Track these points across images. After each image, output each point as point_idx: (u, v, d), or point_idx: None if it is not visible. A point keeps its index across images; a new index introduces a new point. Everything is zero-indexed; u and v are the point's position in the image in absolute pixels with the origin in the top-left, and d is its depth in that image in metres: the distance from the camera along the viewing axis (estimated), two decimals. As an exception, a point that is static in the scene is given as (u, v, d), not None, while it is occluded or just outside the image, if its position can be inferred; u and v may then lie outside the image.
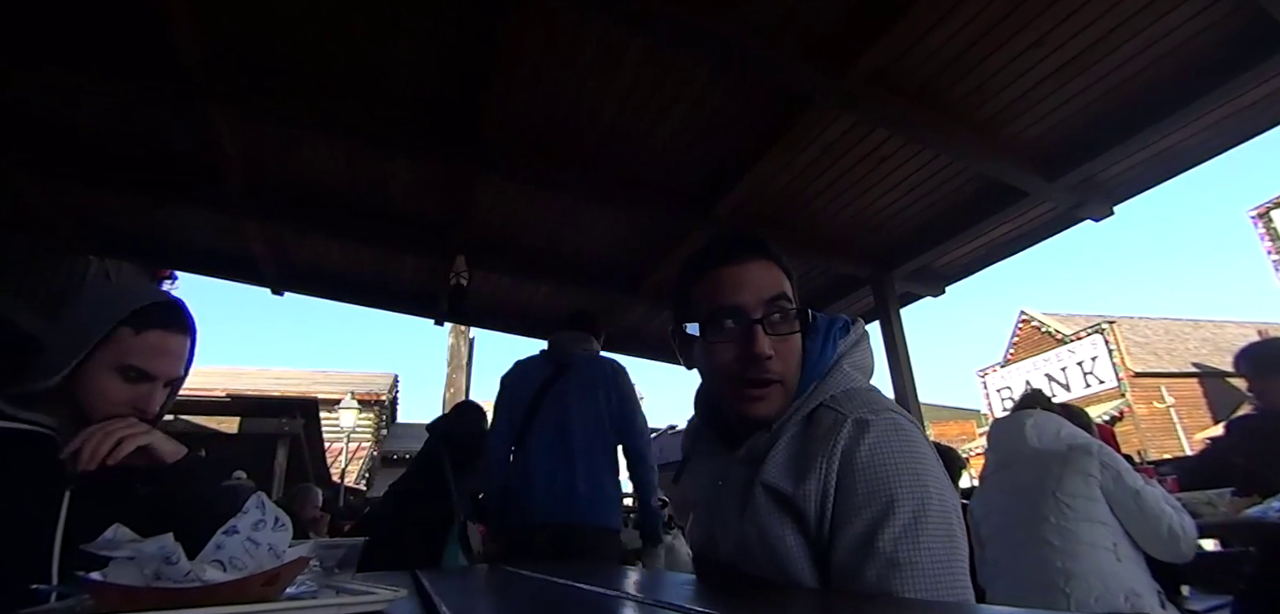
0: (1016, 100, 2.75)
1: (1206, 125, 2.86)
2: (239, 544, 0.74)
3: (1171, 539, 1.75)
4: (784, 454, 0.87)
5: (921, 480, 0.78)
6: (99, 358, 1.03)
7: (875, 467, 0.78)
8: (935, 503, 0.77)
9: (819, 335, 0.93)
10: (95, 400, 1.02)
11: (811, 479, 0.81)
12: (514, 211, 3.75)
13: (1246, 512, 1.97)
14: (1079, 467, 1.85)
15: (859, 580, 0.75)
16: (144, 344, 1.06)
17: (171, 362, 1.10)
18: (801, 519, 0.81)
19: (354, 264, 4.45)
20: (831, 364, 0.90)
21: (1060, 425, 1.99)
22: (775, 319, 0.88)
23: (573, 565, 1.61)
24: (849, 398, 0.87)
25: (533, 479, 2.48)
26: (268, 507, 0.77)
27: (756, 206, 3.52)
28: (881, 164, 3.20)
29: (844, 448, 0.80)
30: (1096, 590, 1.69)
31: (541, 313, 5.19)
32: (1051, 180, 3.11)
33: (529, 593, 0.93)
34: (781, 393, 0.89)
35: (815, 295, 4.63)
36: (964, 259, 4.18)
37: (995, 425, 2.23)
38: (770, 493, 0.85)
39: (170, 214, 3.85)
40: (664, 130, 2.98)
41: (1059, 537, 1.79)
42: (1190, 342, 16.93)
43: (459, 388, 9.18)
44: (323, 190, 3.53)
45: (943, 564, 0.74)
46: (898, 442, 0.80)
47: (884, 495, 0.76)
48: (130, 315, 1.05)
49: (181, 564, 0.66)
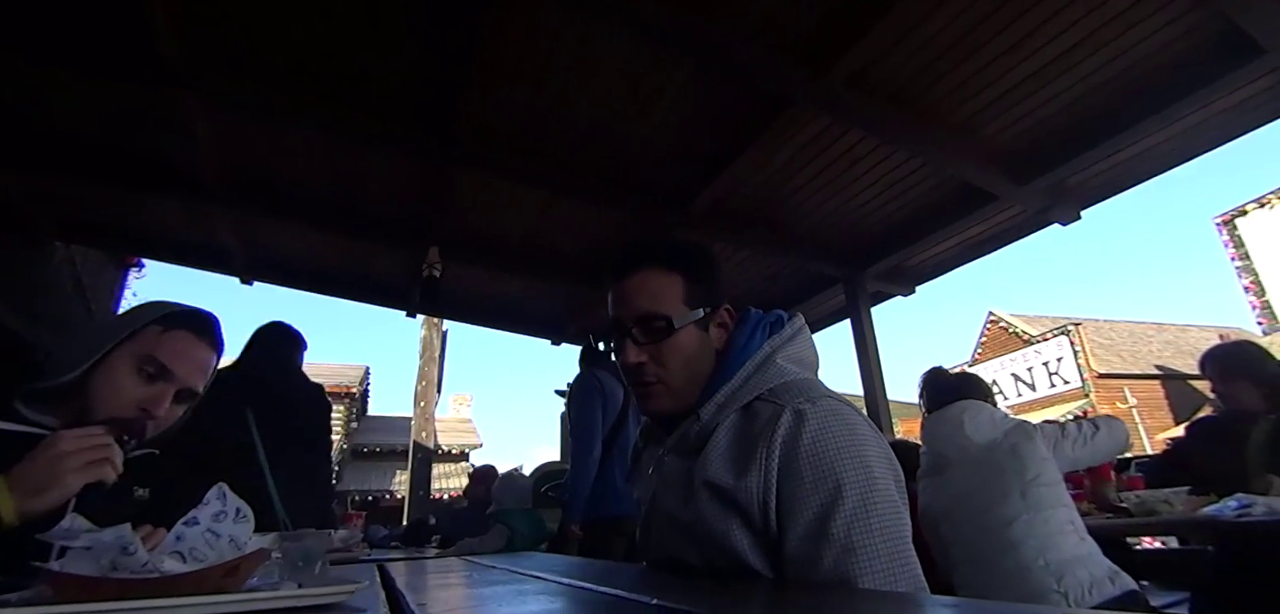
0: (990, 105, 2.80)
1: (1174, 133, 2.94)
2: (199, 535, 0.73)
3: (1107, 451, 2.04)
4: (722, 448, 0.89)
5: (865, 462, 0.80)
6: (121, 351, 1.02)
7: (818, 454, 0.80)
8: (881, 483, 0.80)
9: (747, 326, 0.98)
10: (107, 394, 1.00)
11: (752, 473, 0.82)
12: (490, 206, 3.71)
13: (1203, 509, 2.02)
14: (1032, 453, 1.87)
15: (816, 567, 0.76)
16: (169, 342, 1.05)
17: (192, 368, 1.08)
18: (745, 513, 0.83)
19: (326, 254, 4.37)
20: (764, 357, 0.93)
21: (991, 414, 2.02)
22: (645, 328, 0.96)
23: (546, 559, 1.60)
24: (786, 389, 0.89)
25: (616, 477, 2.71)
26: (229, 498, 0.76)
27: (733, 204, 3.53)
28: (857, 164, 3.24)
29: (784, 439, 0.82)
30: (1084, 580, 1.70)
31: (516, 308, 5.15)
32: (1021, 184, 3.17)
33: (489, 581, 0.92)
34: (664, 391, 0.96)
35: (788, 293, 4.66)
36: (935, 259, 4.25)
37: (928, 425, 2.18)
38: (711, 488, 0.86)
39: (139, 201, 3.74)
40: (642, 128, 2.97)
41: (1031, 533, 1.79)
42: (1153, 344, 17.47)
43: (431, 380, 9.07)
44: (296, 180, 3.45)
45: (894, 543, 0.77)
46: (838, 427, 0.82)
47: (831, 482, 0.78)
48: (162, 316, 1.06)
49: (139, 554, 0.65)
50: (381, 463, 17.11)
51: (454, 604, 0.74)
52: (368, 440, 17.65)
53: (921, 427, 2.21)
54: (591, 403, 2.82)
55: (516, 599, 0.72)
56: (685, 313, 0.96)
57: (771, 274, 4.51)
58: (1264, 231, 12.87)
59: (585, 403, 2.83)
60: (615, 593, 0.73)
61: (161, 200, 3.62)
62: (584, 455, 2.74)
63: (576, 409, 2.86)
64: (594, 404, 2.81)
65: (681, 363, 0.95)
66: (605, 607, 0.66)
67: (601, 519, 2.68)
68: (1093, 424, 2.04)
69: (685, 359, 0.95)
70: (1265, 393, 2.22)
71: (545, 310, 5.20)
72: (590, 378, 2.88)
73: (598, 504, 2.69)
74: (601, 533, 2.67)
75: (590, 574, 0.95)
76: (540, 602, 0.70)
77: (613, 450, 2.77)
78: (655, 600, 0.65)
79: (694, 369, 0.96)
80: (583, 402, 2.83)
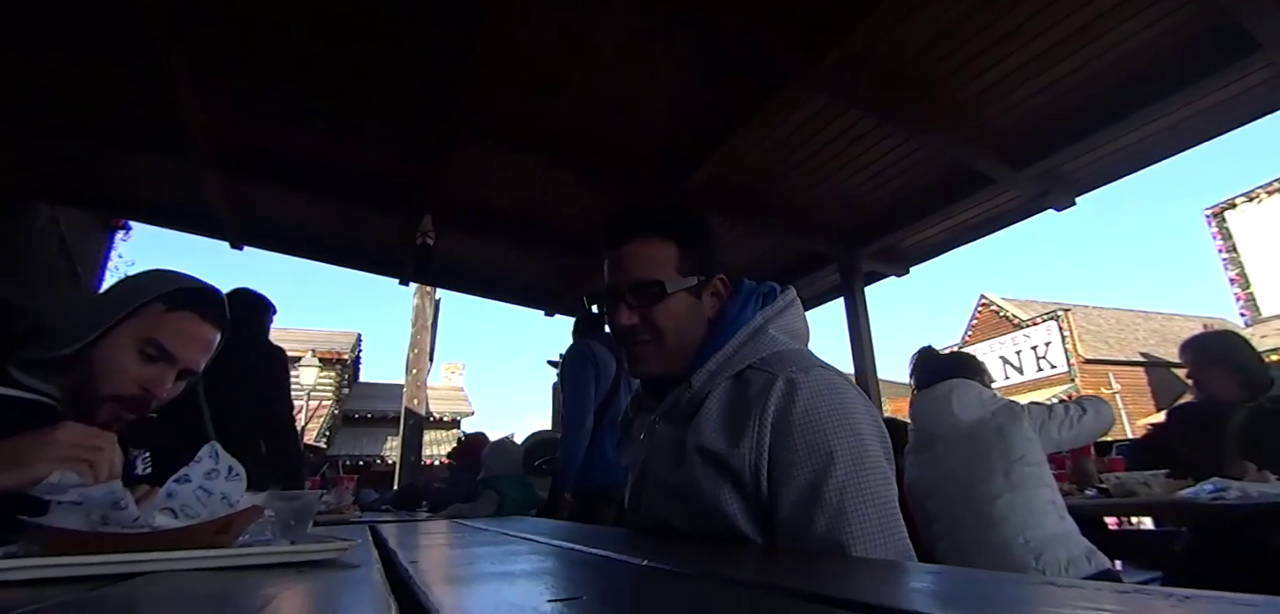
0: (989, 89, 2.79)
1: (1170, 124, 2.95)
2: (191, 493, 0.73)
3: (1092, 432, 2.04)
4: (715, 415, 0.90)
5: (856, 430, 0.82)
6: (123, 329, 0.99)
7: (810, 423, 0.82)
8: (871, 451, 0.82)
9: (740, 297, 1.00)
10: (106, 373, 0.98)
11: (745, 441, 0.84)
12: (484, 175, 3.68)
13: (1180, 492, 2.07)
14: (1017, 433, 1.89)
15: (808, 532, 0.79)
16: (172, 323, 1.02)
17: (195, 349, 1.05)
18: (737, 479, 0.84)
19: (318, 220, 4.32)
20: (756, 327, 0.95)
21: (979, 393, 2.03)
22: (638, 293, 0.98)
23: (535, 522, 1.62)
24: (779, 359, 0.90)
25: (607, 447, 2.73)
26: (221, 456, 0.76)
27: (729, 181, 3.52)
28: (854, 144, 3.22)
29: (776, 407, 0.84)
30: (1062, 558, 1.75)
31: (509, 278, 5.13)
32: (1018, 169, 3.17)
33: (479, 542, 0.93)
34: (655, 354, 0.98)
35: (783, 270, 4.67)
36: (929, 241, 4.26)
37: (916, 402, 2.21)
38: (704, 454, 0.88)
39: (125, 163, 3.67)
40: (640, 101, 2.94)
41: (1013, 511, 1.83)
42: (1140, 332, 17.69)
43: (423, 348, 9.06)
44: (285, 144, 3.40)
45: (884, 509, 0.80)
46: (830, 396, 0.84)
47: (823, 450, 0.80)
48: (167, 293, 1.03)
49: (129, 509, 0.65)
50: (373, 429, 17.17)
51: (445, 562, 0.75)
52: (359, 406, 17.68)
53: (910, 404, 2.23)
54: (584, 374, 2.83)
55: (507, 559, 0.73)
56: (678, 279, 0.97)
57: (766, 251, 4.51)
58: (1252, 225, 12.97)
59: (578, 373, 2.84)
60: (605, 554, 0.74)
61: (146, 162, 3.56)
62: (576, 425, 2.76)
63: (569, 380, 2.88)
64: (587, 375, 2.82)
65: (672, 327, 0.97)
66: (595, 566, 0.67)
67: (592, 487, 2.71)
68: (1079, 407, 2.06)
69: (676, 324, 0.97)
70: (1241, 381, 2.27)
71: (538, 281, 5.18)
72: (584, 348, 2.88)
73: (588, 472, 2.72)
74: (592, 500, 2.70)
75: (579, 537, 0.96)
76: (530, 561, 0.71)
77: (604, 420, 2.79)
78: (645, 561, 0.67)
79: (684, 334, 0.98)
80: (576, 372, 2.84)
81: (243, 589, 0.54)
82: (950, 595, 0.47)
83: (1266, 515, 1.78)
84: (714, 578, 0.59)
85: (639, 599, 0.50)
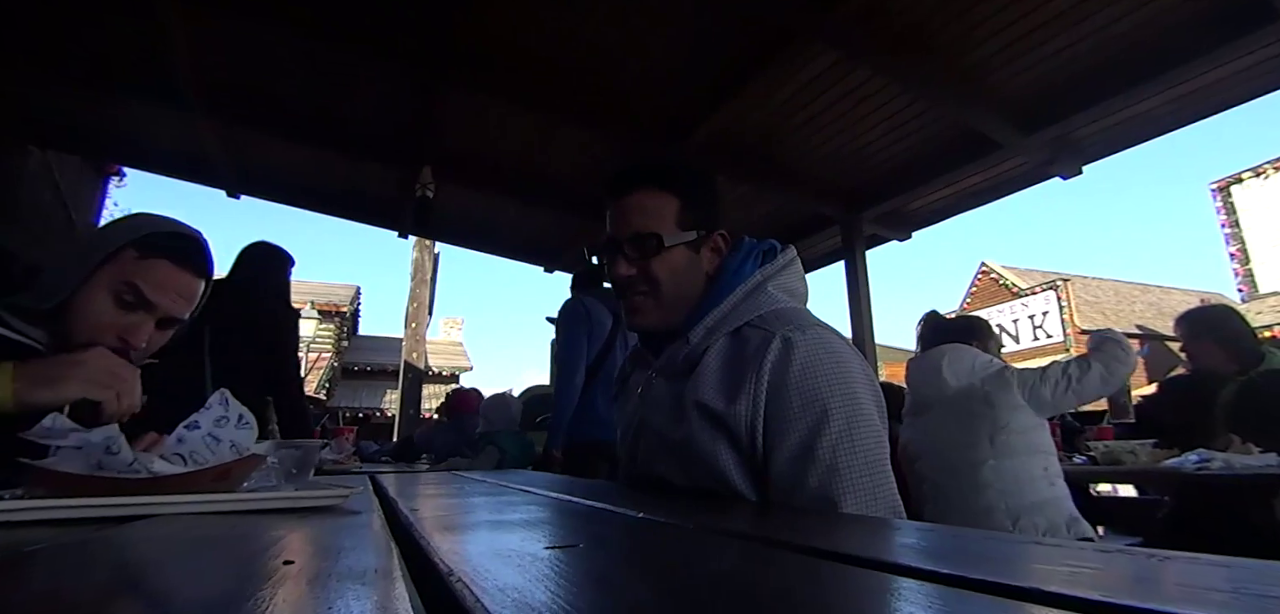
0: (1001, 51, 2.73)
1: (1182, 93, 2.90)
2: (200, 439, 0.74)
3: (1104, 383, 1.87)
4: (713, 371, 0.91)
5: (850, 389, 0.84)
6: (98, 278, 0.97)
7: (806, 381, 0.83)
8: (865, 409, 0.84)
9: (739, 253, 1.01)
10: (83, 321, 0.96)
11: (742, 399, 0.85)
12: (483, 127, 3.62)
13: (1165, 462, 2.11)
14: (1006, 401, 1.90)
15: (800, 487, 0.81)
16: (148, 269, 0.99)
17: (174, 299, 1.02)
18: (734, 435, 0.86)
19: (316, 170, 4.26)
20: (754, 284, 0.96)
21: (972, 359, 2.03)
22: (636, 245, 0.98)
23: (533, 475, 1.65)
24: (777, 317, 0.91)
25: (599, 403, 2.68)
26: (231, 403, 0.77)
27: (733, 138, 3.47)
28: (862, 104, 3.17)
29: (773, 365, 0.85)
30: (1041, 526, 1.79)
31: (508, 233, 5.10)
32: (1027, 134, 3.13)
33: (477, 493, 0.95)
34: (652, 306, 0.99)
35: (784, 232, 4.63)
36: (933, 206, 4.23)
37: (911, 366, 2.22)
38: (702, 410, 0.89)
39: (118, 106, 3.59)
40: (644, 52, 2.87)
41: (998, 477, 1.86)
42: (1137, 305, 17.74)
43: (422, 302, 9.06)
44: (282, 89, 3.33)
45: (875, 466, 0.82)
46: (825, 356, 0.85)
47: (817, 407, 0.82)
48: (139, 239, 1.00)
49: (124, 454, 0.66)
50: (372, 381, 17.32)
51: (443, 510, 0.76)
52: (358, 359, 17.80)
53: (906, 369, 2.25)
54: (576, 329, 2.78)
55: (505, 508, 0.75)
56: (676, 233, 0.98)
57: (768, 212, 4.48)
58: (1256, 200, 12.88)
59: (570, 329, 2.79)
60: (600, 506, 0.76)
61: (141, 106, 3.49)
62: (567, 381, 2.73)
63: (561, 336, 2.84)
64: (579, 331, 2.78)
65: (670, 280, 0.97)
66: (590, 517, 0.69)
67: (583, 443, 2.70)
68: (1081, 364, 1.90)
69: (674, 277, 0.98)
70: (1232, 354, 2.29)
71: (538, 237, 5.16)
72: (577, 304, 2.83)
73: (579, 428, 2.70)
74: (582, 457, 2.68)
75: (575, 490, 0.98)
76: (527, 511, 0.72)
77: (598, 376, 2.76)
78: (640, 513, 0.68)
79: (682, 288, 0.98)
80: (568, 328, 2.80)
81: (248, 531, 0.55)
82: (934, 551, 0.48)
83: (1248, 486, 1.82)
84: (707, 529, 0.60)
85: (633, 548, 0.52)
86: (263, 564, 0.40)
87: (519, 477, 1.46)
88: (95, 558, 0.45)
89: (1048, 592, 0.29)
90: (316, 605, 0.29)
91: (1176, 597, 0.30)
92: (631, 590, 0.34)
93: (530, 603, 0.28)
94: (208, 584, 0.38)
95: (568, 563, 0.40)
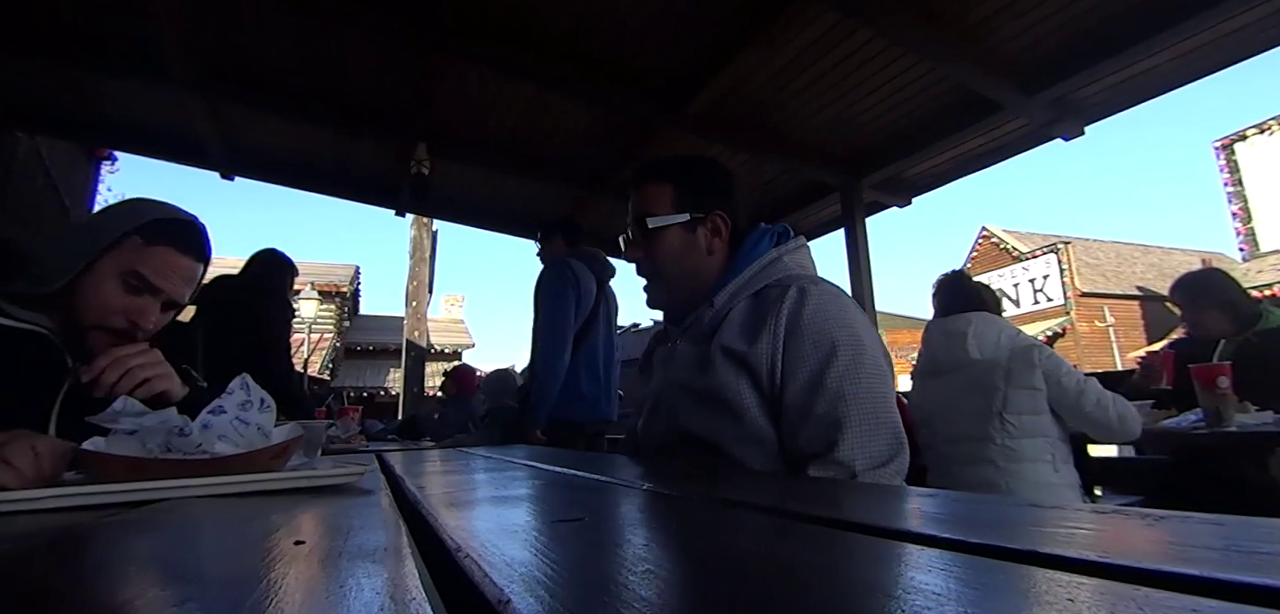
0: (1003, 9, 2.67)
1: (1185, 49, 2.85)
2: (227, 423, 0.75)
3: (1121, 425, 1.85)
4: (737, 323, 1.03)
5: (855, 331, 0.96)
6: (104, 263, 1.02)
7: (817, 323, 0.95)
8: (869, 349, 0.96)
9: (756, 234, 1.13)
10: (91, 304, 1.01)
11: (763, 340, 0.97)
12: (478, 100, 3.57)
13: (1164, 422, 2.13)
14: (1024, 381, 1.88)
15: (810, 411, 0.91)
16: (152, 255, 1.04)
17: (176, 281, 1.08)
18: (755, 374, 0.97)
19: (309, 149, 4.22)
20: (770, 258, 1.08)
21: (1000, 330, 1.99)
22: (638, 229, 1.13)
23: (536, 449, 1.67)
24: (791, 277, 1.04)
25: (581, 380, 2.55)
26: (252, 388, 0.79)
27: (731, 106, 3.42)
28: (862, 67, 3.12)
29: (789, 310, 0.97)
30: None
31: (506, 209, 5.07)
32: (1029, 95, 3.09)
33: (482, 469, 0.96)
34: (661, 285, 1.14)
35: (784, 200, 4.62)
36: (934, 170, 4.19)
37: (932, 327, 2.15)
38: (727, 353, 1.00)
39: (106, 88, 3.53)
40: (639, 18, 2.81)
41: (1003, 457, 1.87)
42: (1137, 266, 17.71)
43: (422, 280, 9.04)
44: (273, 64, 3.27)
45: (879, 396, 0.93)
46: (834, 303, 0.98)
47: (826, 344, 0.94)
48: (143, 225, 1.05)
49: (193, 435, 0.68)
50: (375, 360, 17.39)
51: (449, 487, 0.78)
52: (360, 339, 17.85)
53: (926, 328, 2.23)
54: (564, 294, 2.44)
55: (510, 483, 0.76)
56: (669, 217, 1.10)
57: (768, 180, 4.44)
58: (1261, 158, 12.75)
59: (558, 293, 2.44)
60: (607, 479, 0.77)
61: (129, 87, 3.43)
62: (554, 355, 2.41)
63: (547, 300, 2.47)
64: (567, 296, 2.44)
65: (669, 260, 1.11)
66: (595, 490, 0.70)
67: (562, 422, 2.48)
68: (1117, 402, 1.88)
69: (672, 257, 1.11)
70: (1230, 317, 2.30)
71: (536, 210, 5.12)
72: (563, 266, 2.52)
73: (559, 406, 2.45)
74: (562, 437, 2.47)
75: (579, 464, 0.99)
76: (531, 486, 0.73)
77: (581, 350, 2.50)
78: (646, 485, 0.69)
79: (682, 266, 1.11)
80: (555, 291, 2.46)
81: (259, 512, 0.56)
82: (937, 516, 0.49)
83: (1243, 445, 1.84)
84: (712, 499, 0.61)
85: (638, 519, 0.52)
86: (274, 544, 0.40)
87: (521, 451, 1.48)
88: (108, 542, 0.46)
89: (1043, 554, 0.30)
90: (329, 584, 0.30)
91: (1170, 555, 0.31)
92: (638, 560, 0.35)
93: (537, 576, 0.29)
94: (220, 566, 0.39)
95: (573, 536, 0.41)
